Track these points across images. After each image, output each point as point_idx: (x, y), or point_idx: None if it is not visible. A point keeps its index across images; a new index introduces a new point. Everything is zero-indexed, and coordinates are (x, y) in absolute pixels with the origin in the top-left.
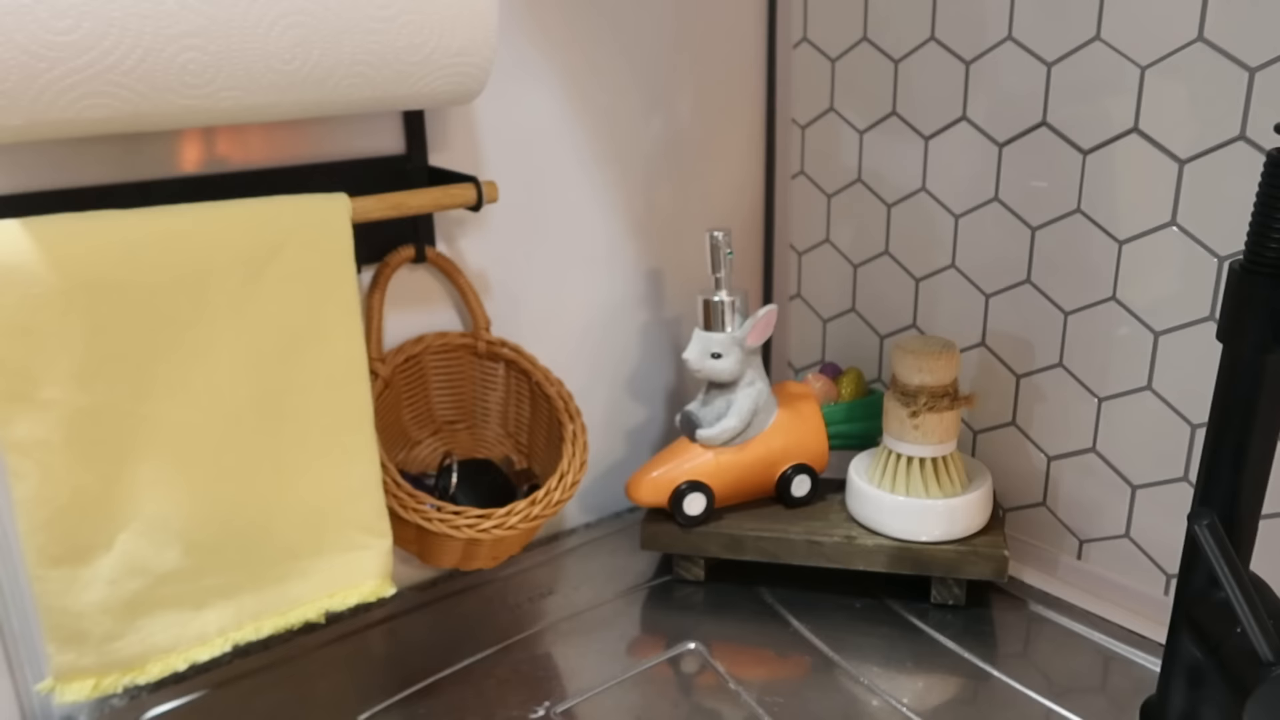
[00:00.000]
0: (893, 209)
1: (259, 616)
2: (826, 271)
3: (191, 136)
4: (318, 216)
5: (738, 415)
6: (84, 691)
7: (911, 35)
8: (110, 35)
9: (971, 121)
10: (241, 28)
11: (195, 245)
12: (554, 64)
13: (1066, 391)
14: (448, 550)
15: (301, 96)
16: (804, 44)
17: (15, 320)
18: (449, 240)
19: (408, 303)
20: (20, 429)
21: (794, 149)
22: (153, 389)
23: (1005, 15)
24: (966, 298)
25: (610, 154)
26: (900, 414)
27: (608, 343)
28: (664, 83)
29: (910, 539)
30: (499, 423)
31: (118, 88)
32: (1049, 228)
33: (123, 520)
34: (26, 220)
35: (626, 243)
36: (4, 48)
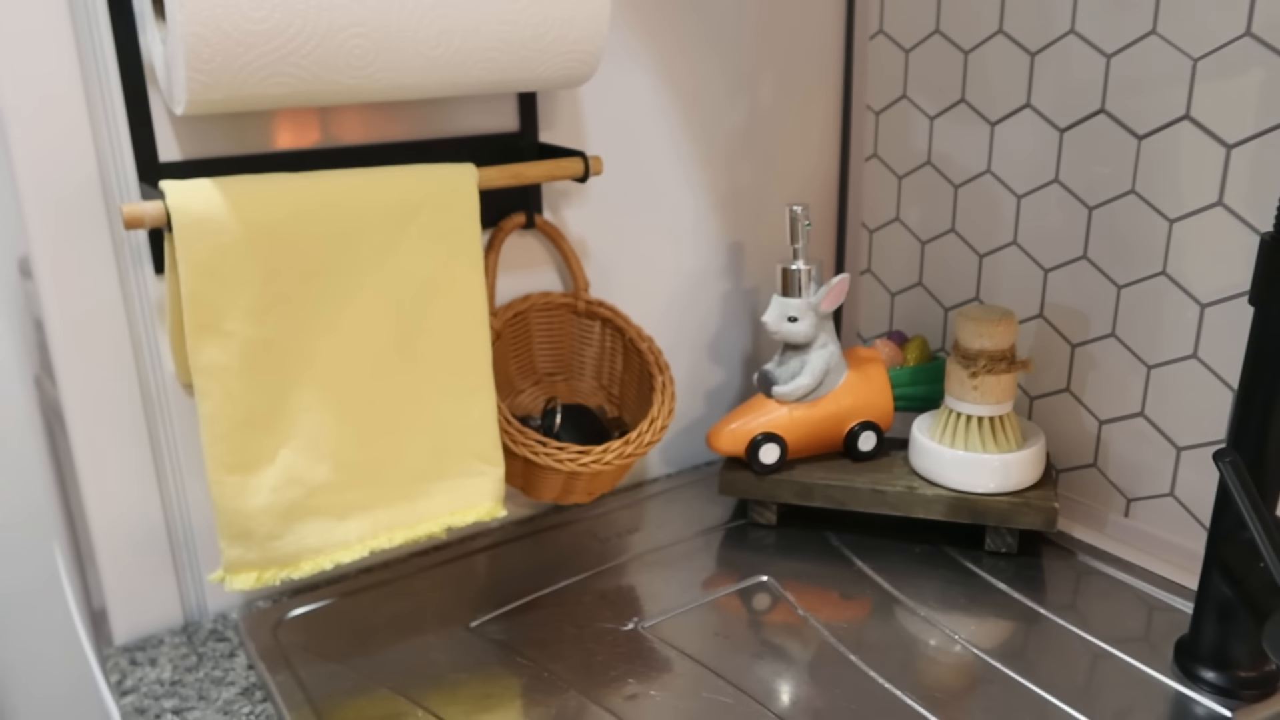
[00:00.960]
0: (959, 190)
1: (392, 528)
2: (896, 248)
3: (348, 111)
4: (450, 183)
5: (811, 374)
6: (248, 582)
7: (981, 28)
8: (294, 24)
9: (1035, 109)
10: (398, 18)
11: (350, 205)
12: (651, 52)
13: (1118, 360)
14: (549, 483)
15: (442, 78)
16: (880, 35)
17: (207, 263)
18: (555, 209)
19: (517, 265)
20: (207, 355)
21: (868, 133)
22: (312, 326)
23: (1069, 10)
24: (1026, 272)
25: (698, 134)
26: (961, 375)
27: (692, 308)
28: (748, 70)
29: (967, 490)
30: (594, 375)
31: (297, 68)
32: (1105, 207)
33: (284, 438)
34: (218, 180)
35: (711, 216)
36: (214, 35)
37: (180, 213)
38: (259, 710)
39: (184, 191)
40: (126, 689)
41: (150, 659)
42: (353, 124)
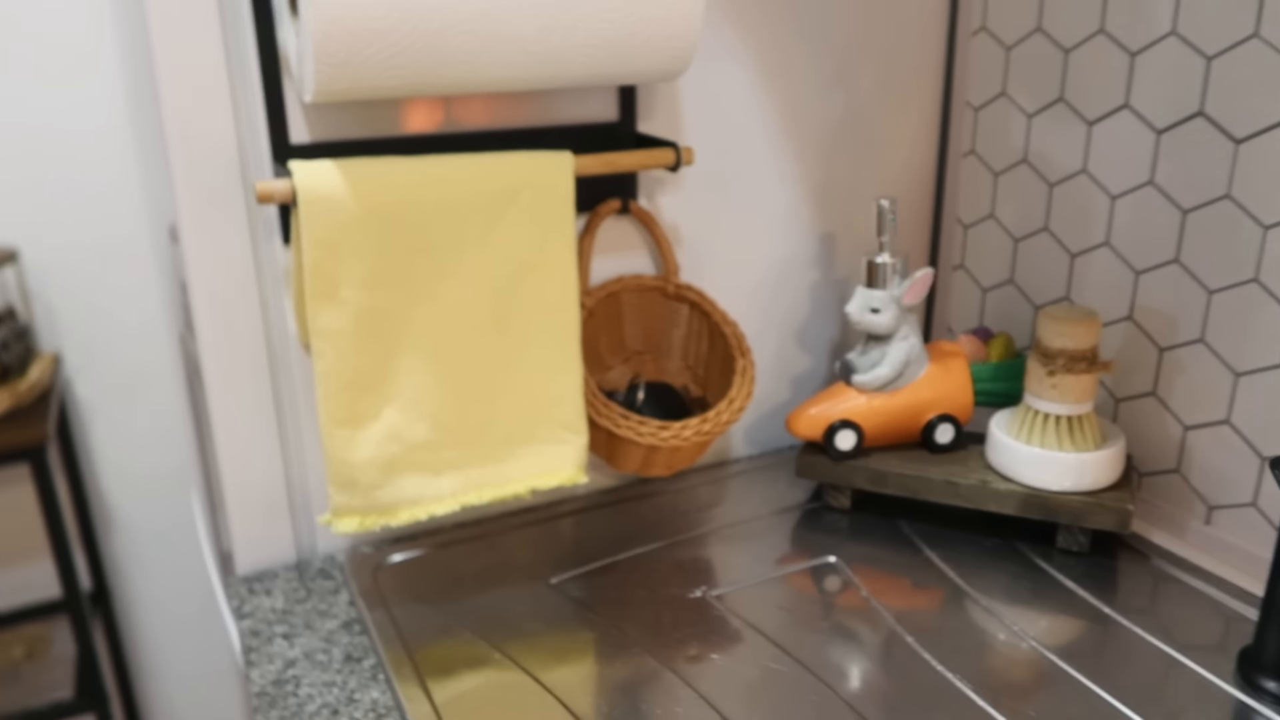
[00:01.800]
0: (1054, 188)
1: (481, 486)
2: (989, 244)
3: (459, 100)
4: (548, 170)
5: (890, 365)
6: (351, 526)
7: (1082, 27)
8: (409, 21)
9: (1133, 109)
10: (502, 16)
11: (455, 187)
12: (747, 45)
13: (1206, 366)
14: (631, 456)
15: (543, 72)
16: (982, 32)
17: (327, 236)
18: (649, 196)
19: (612, 247)
20: (324, 319)
21: (966, 129)
22: (417, 297)
23: (1171, 11)
24: (1117, 274)
25: (793, 126)
26: (1040, 373)
27: (780, 296)
28: (847, 64)
29: (1041, 487)
30: (680, 356)
31: (411, 62)
32: (1199, 211)
33: (388, 397)
34: (339, 161)
35: (803, 207)
36: (339, 31)
37: (305, 190)
38: (356, 642)
39: (309, 172)
40: (244, 613)
41: (266, 589)
42: (463, 111)
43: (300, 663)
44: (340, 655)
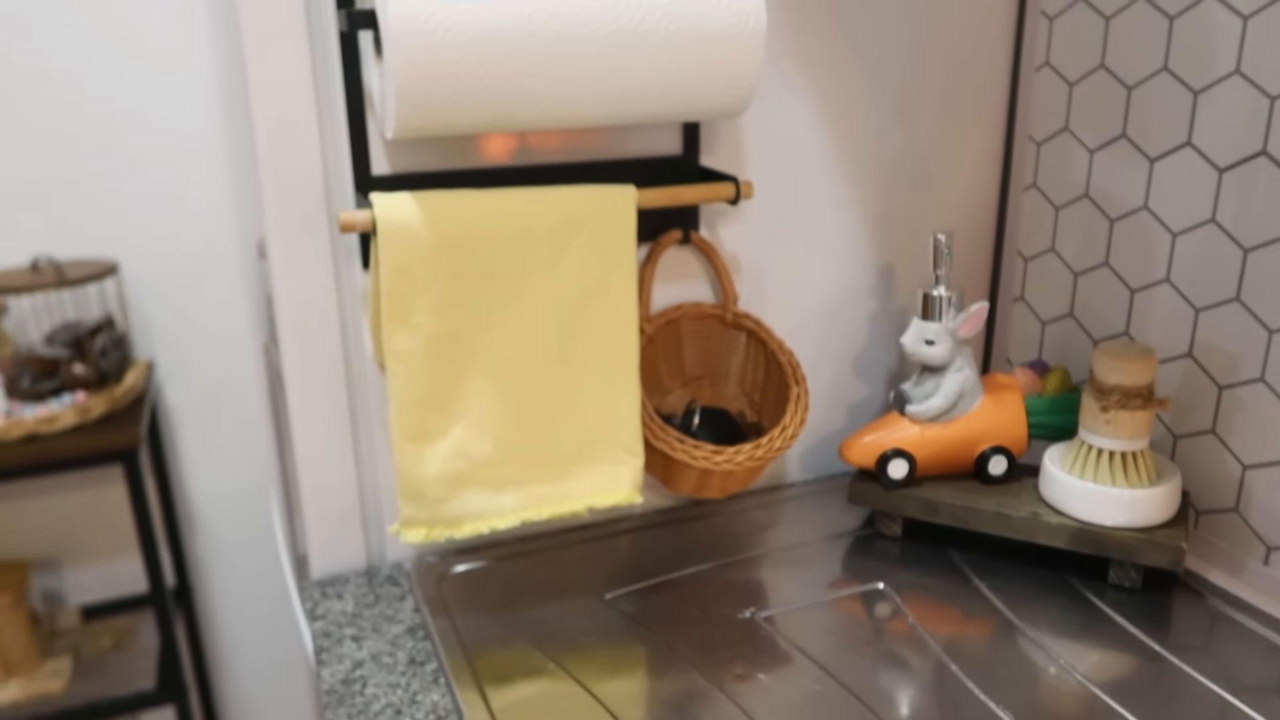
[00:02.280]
0: (1115, 224)
1: (541, 503)
2: (1049, 277)
3: (530, 135)
4: (612, 203)
5: (944, 396)
6: (418, 537)
7: (1145, 65)
8: (484, 66)
9: (1195, 147)
10: (572, 60)
11: (524, 218)
12: (809, 81)
13: (1266, 405)
14: (685, 478)
15: (610, 110)
16: (1046, 68)
17: (403, 264)
18: (710, 226)
19: (673, 275)
20: (398, 341)
21: (1029, 163)
22: (485, 322)
23: (1234, 50)
24: (1177, 310)
25: (854, 159)
26: (1094, 408)
27: (838, 324)
28: (908, 98)
29: (1092, 521)
30: (737, 382)
31: (486, 102)
32: (1260, 250)
33: (456, 416)
34: (416, 194)
35: (862, 238)
36: (419, 75)
37: (384, 221)
38: (420, 647)
39: (388, 204)
40: (317, 615)
41: (337, 593)
42: (534, 145)
43: (367, 664)
44: (404, 659)
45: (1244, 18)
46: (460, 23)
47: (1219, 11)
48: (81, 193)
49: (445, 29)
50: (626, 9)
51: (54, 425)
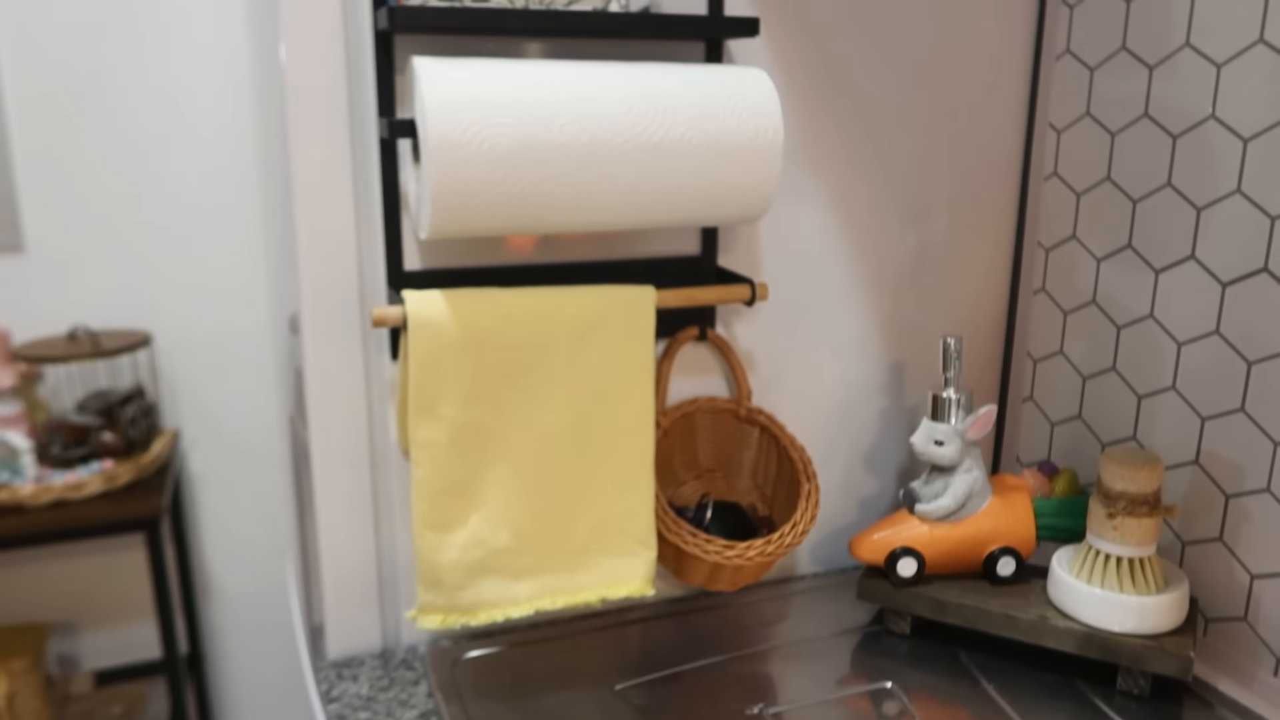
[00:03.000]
0: (1122, 330)
1: (555, 592)
2: (1058, 380)
3: (552, 238)
4: (632, 303)
5: (953, 496)
6: (435, 623)
7: (1150, 179)
8: (516, 174)
9: (1199, 261)
10: (598, 170)
11: (547, 316)
12: (823, 188)
13: (1272, 515)
14: (697, 570)
15: (633, 216)
16: (1054, 178)
17: (431, 358)
18: (726, 324)
19: (689, 370)
20: (424, 432)
21: (1038, 268)
22: (508, 414)
23: (1236, 170)
24: (1184, 418)
25: (867, 261)
26: (1101, 514)
27: (850, 420)
28: (921, 203)
29: (1101, 627)
30: (749, 475)
31: (516, 208)
32: (1264, 364)
33: (476, 505)
34: (445, 291)
35: (874, 337)
36: (454, 183)
37: (415, 318)
38: None
39: (419, 301)
40: (332, 698)
41: (353, 675)
42: (560, 246)
43: None
44: None
45: (1244, 140)
46: (495, 135)
47: (1220, 133)
48: (120, 264)
49: (481, 140)
50: (651, 123)
51: (81, 492)
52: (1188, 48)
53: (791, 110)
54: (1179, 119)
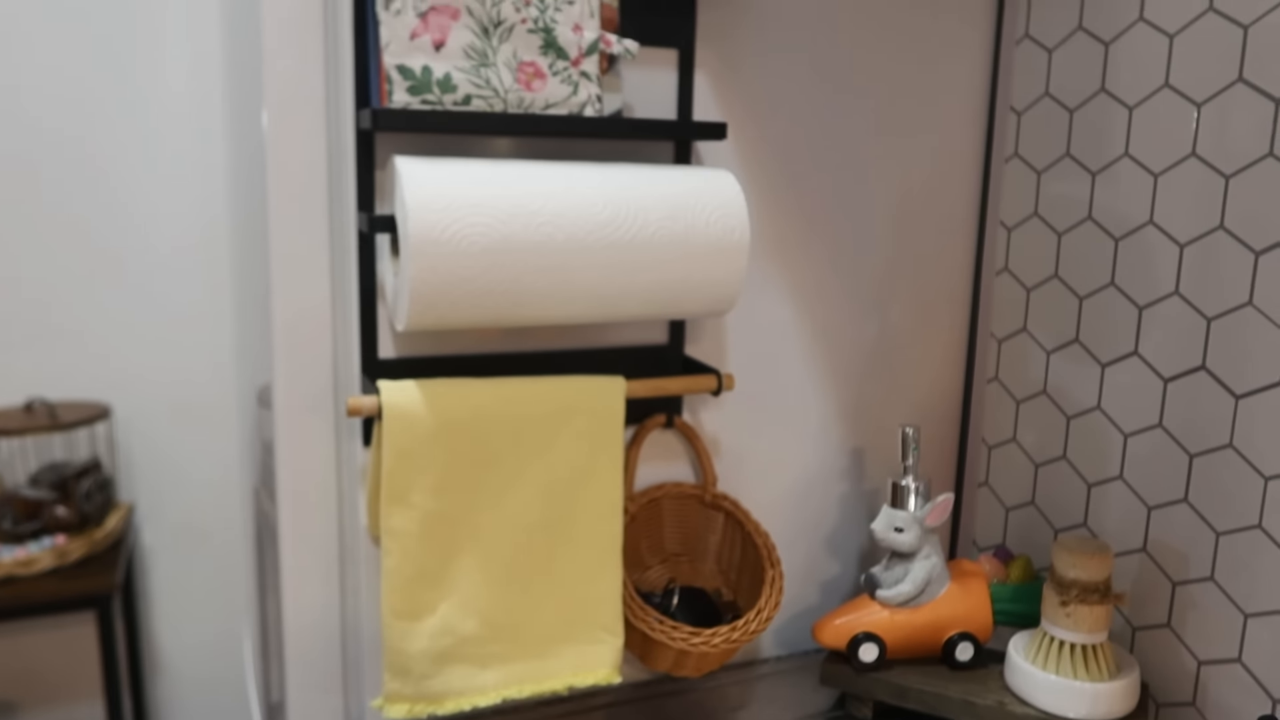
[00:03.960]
0: (1071, 420)
1: (523, 681)
2: (1012, 466)
3: (525, 329)
4: (601, 394)
5: (912, 582)
6: (401, 712)
7: (1095, 278)
8: (492, 272)
9: (1142, 357)
10: (573, 266)
11: (519, 407)
12: (786, 279)
13: (1217, 603)
14: (663, 656)
15: (604, 310)
16: (1005, 273)
17: (404, 448)
18: (693, 410)
19: (656, 456)
20: (395, 521)
21: (991, 358)
22: (478, 504)
23: (1173, 274)
24: (1132, 507)
25: (828, 350)
26: (1055, 601)
27: (811, 504)
28: (880, 295)
29: (1057, 713)
30: (715, 560)
31: (492, 302)
32: (1205, 456)
33: (445, 593)
34: (420, 381)
35: (835, 423)
36: (433, 279)
37: (390, 408)
38: None
39: (394, 391)
40: None
41: None
42: (531, 334)
43: None
44: None
45: (1180, 245)
46: (474, 233)
47: (1158, 238)
48: (79, 334)
49: (460, 239)
50: (624, 223)
51: (31, 568)
52: (1126, 157)
53: (756, 205)
54: (1120, 223)
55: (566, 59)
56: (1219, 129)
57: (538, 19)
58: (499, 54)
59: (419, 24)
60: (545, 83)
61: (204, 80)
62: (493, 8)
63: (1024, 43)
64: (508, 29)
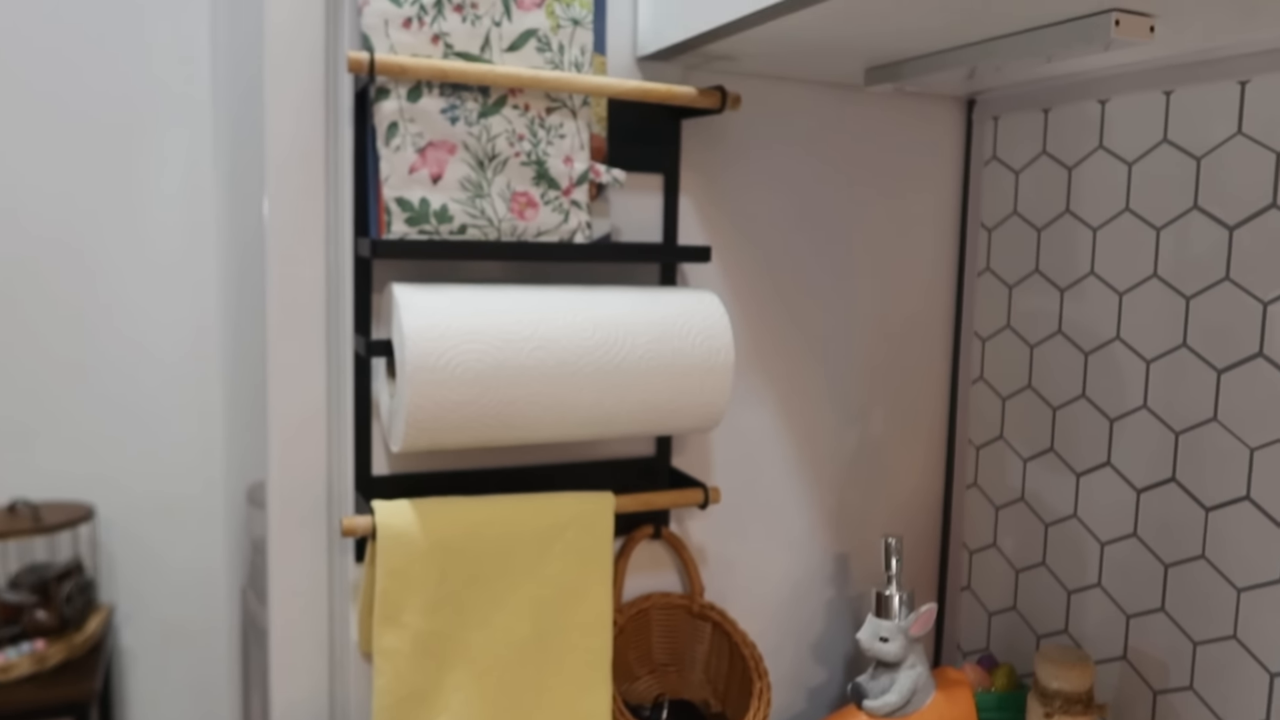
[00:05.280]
0: (1049, 528)
1: None
2: (993, 571)
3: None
4: (591, 509)
5: (898, 693)
6: None
7: (1067, 390)
8: (485, 396)
9: (1115, 467)
10: (563, 389)
11: (511, 524)
12: (769, 391)
13: (1197, 714)
14: None
15: (594, 430)
16: (980, 382)
17: (398, 568)
18: (680, 521)
19: (643, 567)
20: (387, 640)
21: (969, 465)
22: (470, 621)
23: (1141, 388)
24: (1111, 615)
25: (811, 458)
26: (1039, 712)
27: (798, 612)
28: (860, 405)
29: None
30: (703, 670)
31: (484, 425)
32: (1179, 567)
33: (436, 712)
34: (413, 501)
35: (819, 531)
36: (428, 404)
37: (384, 528)
38: None
39: (388, 512)
40: None
41: None
42: (521, 451)
43: None
44: None
45: (1146, 361)
46: (469, 359)
47: (1125, 353)
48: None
49: (455, 365)
50: (613, 347)
51: (9, 675)
52: (1092, 275)
53: (740, 320)
54: (1089, 337)
55: (558, 189)
56: (1178, 251)
57: (530, 152)
58: (493, 185)
59: (418, 158)
60: (538, 211)
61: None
62: (488, 143)
63: (992, 164)
64: (502, 162)
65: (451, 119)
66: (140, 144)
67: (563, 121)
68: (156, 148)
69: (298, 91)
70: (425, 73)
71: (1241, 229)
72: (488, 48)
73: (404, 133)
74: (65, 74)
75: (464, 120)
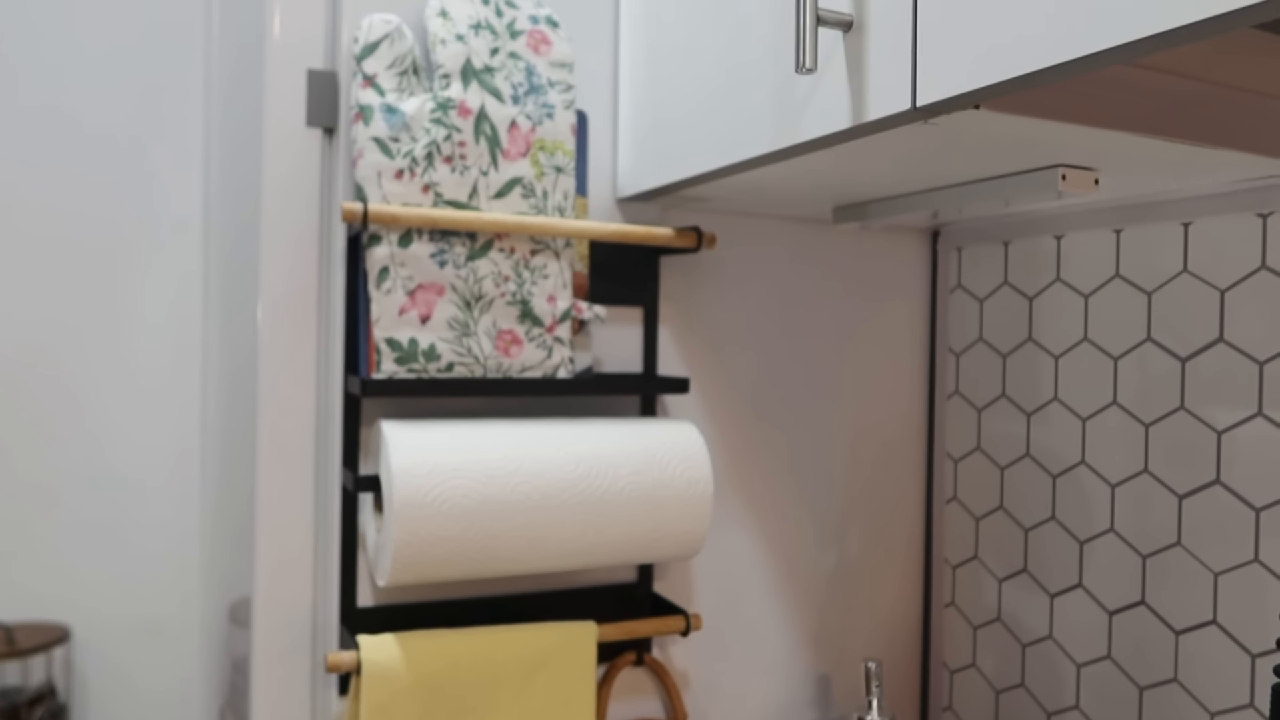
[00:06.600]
0: (1026, 648)
1: None
2: (973, 691)
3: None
4: (574, 639)
5: None
6: None
7: (1037, 512)
8: (471, 531)
9: (1087, 589)
10: (547, 523)
11: (494, 656)
12: (751, 514)
13: None
14: None
15: (576, 561)
16: (954, 502)
17: (382, 703)
18: (662, 646)
19: (627, 693)
20: None
21: (946, 584)
22: None
23: (1108, 512)
24: None
25: (790, 580)
26: None
27: None
28: (837, 527)
29: None
30: None
31: (469, 559)
32: (1153, 690)
33: None
34: (397, 635)
35: (800, 652)
36: (415, 539)
37: (369, 665)
38: None
39: (373, 647)
40: None
41: None
42: (505, 581)
43: None
44: None
45: (1111, 485)
46: (455, 495)
47: (1090, 477)
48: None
49: (442, 500)
50: (595, 480)
51: None
52: (1056, 401)
53: (718, 446)
54: (1055, 461)
55: (542, 326)
56: (1135, 380)
57: (516, 292)
58: (480, 324)
59: (407, 300)
60: (522, 348)
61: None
62: (475, 284)
63: (957, 292)
64: (488, 302)
65: (440, 263)
66: (129, 269)
67: (546, 262)
68: (145, 273)
69: (293, 238)
70: (416, 220)
71: (1193, 360)
72: (475, 195)
73: (395, 276)
74: (56, 198)
75: (453, 264)
